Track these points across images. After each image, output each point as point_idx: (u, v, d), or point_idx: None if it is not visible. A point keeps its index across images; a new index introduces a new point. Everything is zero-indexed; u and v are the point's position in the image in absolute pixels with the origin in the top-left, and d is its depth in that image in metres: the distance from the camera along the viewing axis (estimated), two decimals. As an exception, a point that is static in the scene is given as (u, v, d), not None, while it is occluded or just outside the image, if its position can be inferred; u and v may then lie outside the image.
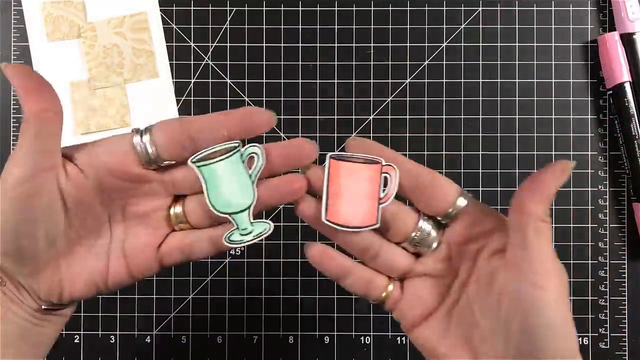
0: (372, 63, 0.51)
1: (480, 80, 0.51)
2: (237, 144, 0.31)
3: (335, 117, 0.50)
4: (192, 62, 0.51)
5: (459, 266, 0.31)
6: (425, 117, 0.50)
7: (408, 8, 0.51)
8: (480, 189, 0.50)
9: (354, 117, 0.50)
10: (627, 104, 0.49)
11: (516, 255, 0.28)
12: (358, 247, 0.32)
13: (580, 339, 0.50)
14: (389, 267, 0.32)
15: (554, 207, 0.50)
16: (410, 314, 0.32)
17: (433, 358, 0.31)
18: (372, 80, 0.51)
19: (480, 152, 0.50)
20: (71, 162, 0.30)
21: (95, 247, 0.32)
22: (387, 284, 0.32)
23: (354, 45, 0.51)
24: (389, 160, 0.31)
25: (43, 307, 0.31)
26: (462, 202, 0.31)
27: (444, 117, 0.50)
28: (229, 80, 0.51)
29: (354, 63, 0.51)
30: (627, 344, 0.50)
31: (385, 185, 0.31)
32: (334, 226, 0.31)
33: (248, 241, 0.32)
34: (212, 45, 0.51)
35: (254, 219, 0.32)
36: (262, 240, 0.32)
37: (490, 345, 0.29)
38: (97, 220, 0.31)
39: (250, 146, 0.31)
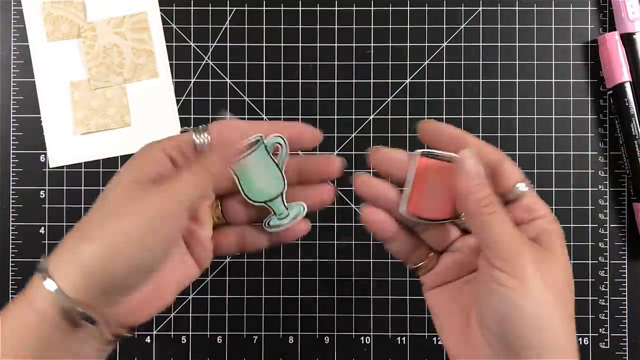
0: (372, 63, 0.51)
1: (481, 80, 0.51)
2: (259, 137, 0.33)
3: (335, 117, 0.50)
4: (192, 62, 0.51)
5: None
6: (425, 117, 0.50)
7: (408, 8, 0.51)
8: (481, 189, 0.50)
9: (354, 117, 0.50)
10: (627, 104, 0.49)
11: (479, 241, 0.29)
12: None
13: (580, 339, 0.50)
14: (437, 241, 0.33)
15: (554, 207, 0.50)
16: (434, 280, 0.33)
17: (436, 320, 0.33)
18: (372, 80, 0.51)
19: (481, 152, 0.50)
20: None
21: (177, 250, 0.32)
22: (428, 253, 0.34)
23: (354, 45, 0.51)
24: (458, 141, 0.32)
25: (124, 333, 0.29)
26: (522, 187, 0.31)
27: (444, 117, 0.50)
28: (229, 80, 0.50)
29: (354, 63, 0.51)
30: (627, 344, 0.50)
31: None
32: (416, 219, 0.33)
33: (287, 224, 0.34)
34: (212, 45, 0.51)
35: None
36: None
37: (480, 324, 0.30)
38: None
39: (274, 137, 0.33)
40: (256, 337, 0.50)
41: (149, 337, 0.50)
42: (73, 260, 0.27)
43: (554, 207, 0.50)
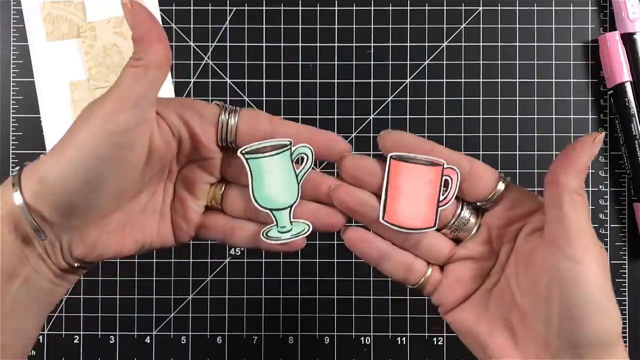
0: (372, 63, 0.51)
1: (481, 80, 0.51)
2: (288, 142, 0.31)
3: (335, 117, 0.50)
4: (192, 62, 0.51)
5: (500, 248, 0.31)
6: (425, 117, 0.50)
7: (408, 8, 0.51)
8: (481, 189, 0.50)
9: (354, 117, 0.50)
10: (627, 104, 0.49)
11: (553, 229, 0.28)
12: (401, 236, 0.32)
13: (580, 339, 0.50)
14: (430, 253, 0.32)
15: (554, 207, 0.50)
16: (449, 297, 0.32)
17: (470, 339, 0.31)
18: (372, 80, 0.50)
19: (481, 152, 0.50)
20: (163, 118, 0.29)
21: (150, 204, 0.31)
22: (427, 269, 0.32)
23: (354, 45, 0.51)
24: (427, 152, 0.31)
25: (76, 265, 0.29)
26: (502, 186, 0.30)
27: (444, 117, 0.50)
28: (229, 80, 0.50)
29: (354, 63, 0.50)
30: (627, 344, 0.50)
31: (445, 187, 0.31)
32: (392, 227, 0.31)
33: (285, 239, 0.32)
34: (212, 45, 0.51)
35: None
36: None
37: (530, 324, 0.29)
38: (159, 178, 0.31)
39: (301, 146, 0.31)
40: (256, 337, 0.50)
41: (148, 337, 0.50)
42: (35, 171, 0.27)
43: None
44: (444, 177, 0.31)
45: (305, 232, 0.32)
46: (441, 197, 0.31)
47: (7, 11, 0.50)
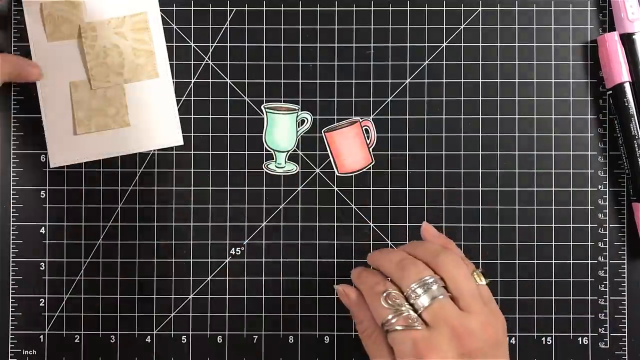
0: (372, 63, 0.51)
1: (480, 80, 0.51)
2: (296, 107, 0.48)
3: (336, 117, 0.50)
4: (192, 62, 0.51)
5: None
6: (425, 117, 0.50)
7: (408, 8, 0.51)
8: (480, 189, 0.50)
9: (354, 117, 0.50)
10: (626, 104, 0.49)
11: None
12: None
13: (580, 338, 0.50)
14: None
15: (553, 207, 0.50)
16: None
17: None
18: (372, 80, 0.51)
19: (480, 152, 0.50)
20: None
21: None
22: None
23: (354, 45, 0.51)
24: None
25: None
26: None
27: (444, 117, 0.50)
28: (229, 80, 0.51)
29: (354, 63, 0.51)
30: (626, 343, 0.50)
31: (367, 134, 0.48)
32: (344, 175, 0.48)
33: (279, 172, 0.48)
34: (212, 45, 0.51)
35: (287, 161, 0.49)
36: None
37: None
38: None
39: (304, 113, 0.49)
40: (256, 337, 0.50)
41: (149, 337, 0.50)
42: None
43: (553, 207, 0.50)
44: (364, 128, 0.48)
45: (293, 171, 0.48)
46: (368, 142, 0.48)
47: (8, 11, 0.50)
